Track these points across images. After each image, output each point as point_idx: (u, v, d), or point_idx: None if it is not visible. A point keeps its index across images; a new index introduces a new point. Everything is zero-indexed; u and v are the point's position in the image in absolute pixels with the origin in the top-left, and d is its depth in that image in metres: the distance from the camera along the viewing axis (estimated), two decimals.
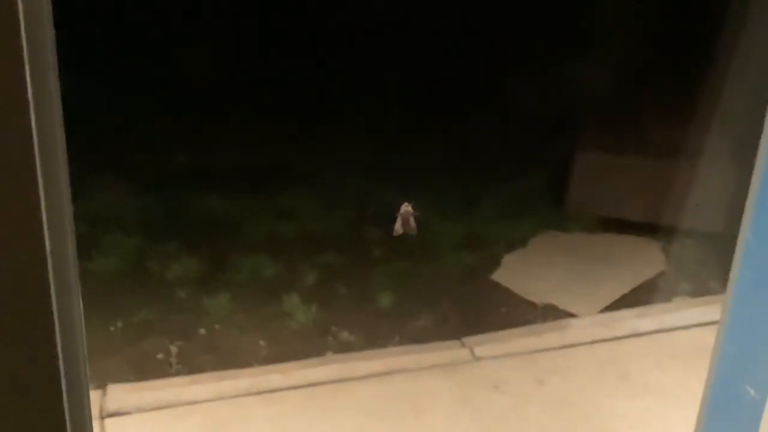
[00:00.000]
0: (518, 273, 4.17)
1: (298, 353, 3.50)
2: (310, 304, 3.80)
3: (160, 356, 3.50)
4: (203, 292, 3.86)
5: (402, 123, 5.26)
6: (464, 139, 5.04)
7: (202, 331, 3.65)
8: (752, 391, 1.69)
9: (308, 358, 3.46)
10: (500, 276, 4.15)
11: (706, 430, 1.88)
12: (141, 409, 3.11)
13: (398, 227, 3.00)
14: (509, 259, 4.28)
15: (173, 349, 3.52)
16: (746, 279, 1.64)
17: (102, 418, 3.03)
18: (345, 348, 3.56)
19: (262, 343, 3.60)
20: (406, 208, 3.08)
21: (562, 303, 3.94)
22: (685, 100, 4.29)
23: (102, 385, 3.15)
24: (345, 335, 3.64)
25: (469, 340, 3.59)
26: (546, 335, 3.68)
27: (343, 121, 5.31)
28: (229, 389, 3.24)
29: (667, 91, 4.61)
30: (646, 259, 4.31)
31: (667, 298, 4.02)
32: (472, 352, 3.51)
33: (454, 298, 3.93)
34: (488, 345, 3.56)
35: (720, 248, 4.34)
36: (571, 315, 3.86)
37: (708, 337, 4.02)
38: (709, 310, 3.83)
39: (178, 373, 3.38)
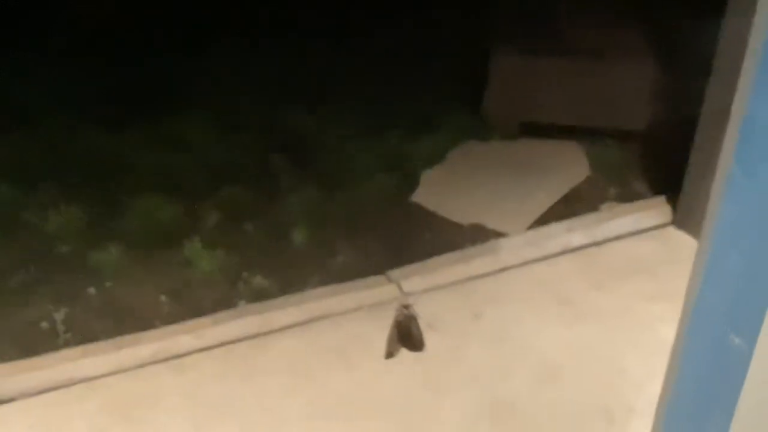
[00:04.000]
0: (439, 191, 3.86)
1: (206, 307, 3.09)
2: (214, 248, 3.36)
3: (44, 325, 3.02)
4: (90, 245, 3.36)
5: (305, 33, 4.73)
6: (373, 49, 4.57)
7: (92, 290, 3.19)
8: (737, 339, 1.48)
9: (218, 311, 3.07)
10: (420, 196, 3.82)
11: (682, 381, 1.69)
12: (26, 394, 2.68)
13: (391, 344, 1.89)
14: (428, 177, 3.95)
15: (59, 315, 3.04)
16: (730, 216, 1.40)
17: None
18: (259, 295, 3.17)
19: (163, 298, 3.17)
20: (403, 309, 1.96)
21: (489, 221, 3.67)
22: None
23: None
24: (258, 280, 3.25)
25: (395, 273, 3.28)
26: (475, 261, 3.40)
27: (236, 33, 4.72)
28: (130, 359, 2.83)
29: None
30: (571, 165, 4.07)
31: (596, 206, 3.82)
32: (399, 287, 3.21)
33: (373, 227, 3.57)
34: (416, 278, 3.26)
35: (642, 148, 4.17)
36: (500, 234, 3.59)
37: (640, 248, 3.84)
38: (639, 217, 3.67)
39: (67, 345, 2.92)
